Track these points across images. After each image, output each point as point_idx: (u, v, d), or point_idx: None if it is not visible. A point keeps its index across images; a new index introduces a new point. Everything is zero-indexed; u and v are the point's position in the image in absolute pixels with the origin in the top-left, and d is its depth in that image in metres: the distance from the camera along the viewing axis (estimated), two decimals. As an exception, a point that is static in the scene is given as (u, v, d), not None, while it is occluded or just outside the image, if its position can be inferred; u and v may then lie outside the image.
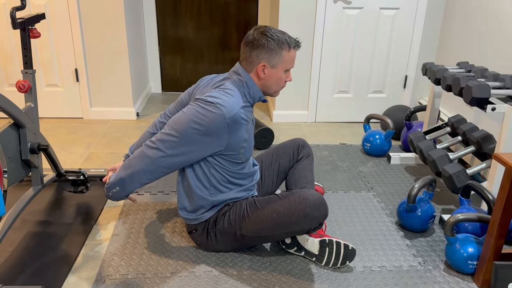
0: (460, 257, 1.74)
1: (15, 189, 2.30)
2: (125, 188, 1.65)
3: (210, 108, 1.56)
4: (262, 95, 1.72)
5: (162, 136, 1.60)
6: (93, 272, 1.74)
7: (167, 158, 1.60)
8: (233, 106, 1.58)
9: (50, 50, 3.18)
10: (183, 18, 3.88)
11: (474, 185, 1.93)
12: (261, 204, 1.72)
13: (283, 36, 1.63)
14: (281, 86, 1.72)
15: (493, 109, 1.94)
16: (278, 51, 1.62)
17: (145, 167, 1.61)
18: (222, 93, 1.61)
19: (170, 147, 1.59)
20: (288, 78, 1.72)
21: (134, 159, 1.62)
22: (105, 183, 1.82)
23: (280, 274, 1.74)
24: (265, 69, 1.65)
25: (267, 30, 1.63)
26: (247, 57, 1.66)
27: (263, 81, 1.68)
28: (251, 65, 1.66)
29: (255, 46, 1.63)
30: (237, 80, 1.68)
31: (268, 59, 1.63)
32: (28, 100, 2.00)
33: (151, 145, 1.60)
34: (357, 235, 2.01)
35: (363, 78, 3.34)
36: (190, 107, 1.60)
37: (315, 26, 3.14)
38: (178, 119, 1.59)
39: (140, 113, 3.55)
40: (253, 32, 1.65)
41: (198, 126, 1.56)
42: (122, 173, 1.64)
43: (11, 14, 1.83)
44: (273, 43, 1.61)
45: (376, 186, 2.47)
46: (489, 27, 2.57)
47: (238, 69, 1.69)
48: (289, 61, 1.67)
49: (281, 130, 3.26)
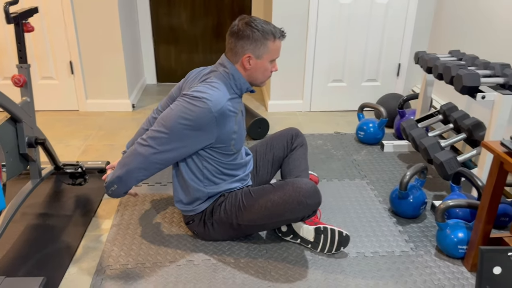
0: (450, 242, 1.79)
1: (14, 183, 2.33)
2: (122, 185, 1.69)
3: (197, 103, 1.58)
4: (249, 86, 1.72)
5: (152, 133, 1.62)
6: (94, 262, 1.78)
7: (159, 155, 1.62)
8: (219, 100, 1.60)
9: (44, 42, 3.17)
10: (176, 8, 3.87)
11: (464, 172, 1.98)
12: (256, 194, 1.76)
13: (268, 27, 1.63)
14: (267, 76, 1.73)
15: (483, 97, 1.98)
16: (263, 41, 1.63)
17: (138, 165, 1.63)
18: (208, 87, 1.62)
19: (161, 144, 1.61)
20: (274, 68, 1.73)
21: (128, 157, 1.65)
22: (103, 174, 1.86)
23: (276, 261, 1.79)
24: (251, 60, 1.65)
25: (252, 20, 1.63)
26: (232, 48, 1.66)
27: (249, 71, 1.69)
28: (237, 56, 1.66)
29: (240, 37, 1.63)
30: (223, 72, 1.68)
31: (253, 50, 1.64)
32: (24, 94, 2.01)
33: (143, 143, 1.63)
34: (351, 222, 2.06)
35: (357, 66, 3.36)
36: (178, 103, 1.62)
37: (309, 15, 3.15)
38: (166, 116, 1.61)
39: (135, 104, 3.57)
40: (238, 22, 1.64)
41: (187, 121, 1.58)
42: (118, 171, 1.67)
43: (5, 9, 1.83)
44: (258, 33, 1.62)
45: (369, 174, 2.51)
46: (480, 15, 2.59)
47: (224, 61, 1.69)
48: (275, 52, 1.67)
49: (276, 120, 3.29)
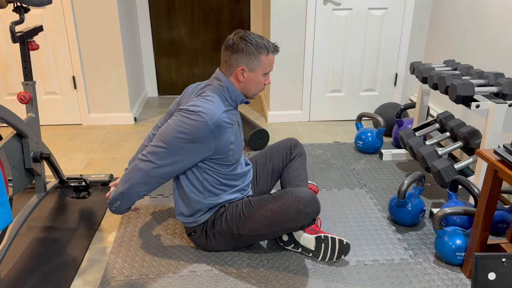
0: (448, 249, 1.82)
1: (20, 197, 2.37)
2: (125, 201, 1.73)
3: (193, 116, 1.63)
4: (243, 98, 1.78)
5: (152, 149, 1.67)
6: (98, 274, 1.81)
7: (159, 169, 1.67)
8: (215, 112, 1.65)
9: (48, 58, 3.24)
10: (177, 22, 3.95)
11: (461, 179, 2.01)
12: (256, 204, 1.79)
13: (262, 41, 1.69)
14: (260, 89, 1.78)
15: (477, 106, 2.02)
16: (257, 55, 1.69)
17: (139, 180, 1.68)
18: (203, 100, 1.68)
19: (160, 158, 1.66)
20: (267, 81, 1.78)
21: (129, 173, 1.70)
22: (106, 188, 1.89)
23: (278, 270, 1.82)
24: (244, 72, 1.71)
25: (246, 35, 1.69)
26: (227, 60, 1.72)
27: (242, 84, 1.74)
28: (231, 68, 1.72)
29: (234, 50, 1.69)
30: (218, 85, 1.74)
31: (247, 63, 1.70)
32: (30, 110, 2.07)
33: (143, 158, 1.68)
34: (351, 231, 2.09)
35: (355, 77, 3.42)
36: (175, 118, 1.67)
37: (306, 27, 3.22)
38: (164, 131, 1.66)
39: (137, 117, 3.62)
40: (233, 36, 1.71)
41: (184, 135, 1.63)
42: (120, 188, 1.71)
43: (11, 28, 1.88)
44: (252, 47, 1.67)
45: (368, 183, 2.54)
46: (474, 26, 2.64)
47: (218, 75, 1.75)
48: (268, 65, 1.73)
49: (276, 130, 3.33)
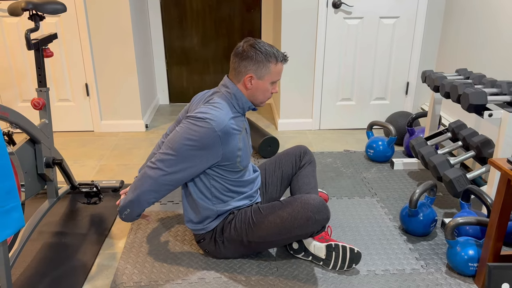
0: (461, 260, 1.79)
1: (32, 202, 2.39)
2: (134, 209, 1.74)
3: (201, 123, 1.64)
4: (251, 104, 1.79)
5: (160, 156, 1.68)
6: (108, 280, 1.82)
7: (168, 176, 1.67)
8: (222, 119, 1.66)
9: (61, 66, 3.29)
10: (188, 31, 3.99)
11: (473, 189, 1.98)
12: (265, 211, 1.79)
13: (271, 50, 1.71)
14: (267, 97, 1.79)
15: (490, 115, 2.00)
16: (266, 63, 1.70)
17: (149, 187, 1.69)
18: (211, 107, 1.69)
19: (169, 165, 1.66)
20: (274, 90, 1.79)
21: (139, 181, 1.71)
22: (117, 194, 1.91)
23: (287, 278, 1.81)
24: (252, 80, 1.72)
25: (256, 43, 1.71)
26: (235, 67, 1.73)
27: (250, 91, 1.75)
28: (239, 75, 1.73)
29: (243, 58, 1.70)
30: (225, 92, 1.75)
31: (255, 71, 1.71)
32: (43, 116, 2.10)
33: (152, 166, 1.69)
34: (361, 240, 2.07)
35: (366, 85, 3.41)
36: (183, 125, 1.68)
37: (317, 36, 3.22)
38: (173, 138, 1.67)
39: (148, 124, 3.65)
40: (243, 44, 1.72)
41: (192, 142, 1.64)
42: (130, 196, 1.73)
43: (26, 36, 1.92)
44: (261, 55, 1.69)
45: (379, 192, 2.52)
46: (487, 34, 2.63)
47: (226, 82, 1.77)
48: (276, 74, 1.74)
49: (286, 138, 3.33)
